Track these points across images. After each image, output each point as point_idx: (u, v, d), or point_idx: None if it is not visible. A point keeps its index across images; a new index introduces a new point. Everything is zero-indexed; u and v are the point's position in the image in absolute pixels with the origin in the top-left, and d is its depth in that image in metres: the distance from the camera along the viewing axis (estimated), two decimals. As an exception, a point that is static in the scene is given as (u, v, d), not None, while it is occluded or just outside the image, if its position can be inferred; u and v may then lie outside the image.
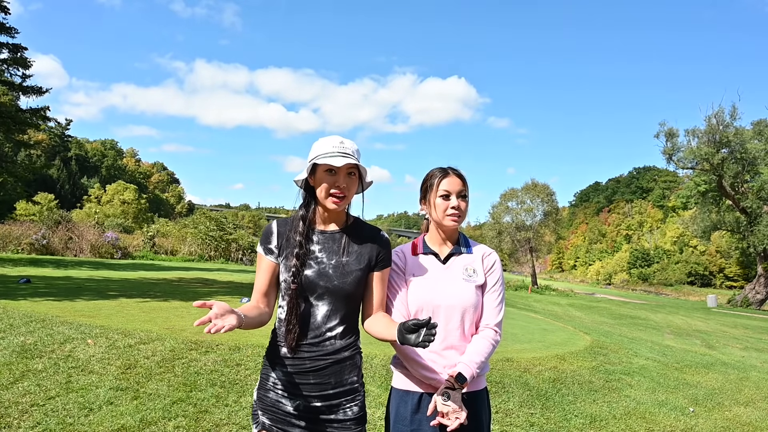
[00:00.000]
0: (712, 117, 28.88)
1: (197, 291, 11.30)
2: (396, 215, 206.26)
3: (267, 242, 1.81)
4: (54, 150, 68.87)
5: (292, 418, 1.73)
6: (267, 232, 1.83)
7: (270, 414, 1.75)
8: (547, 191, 39.62)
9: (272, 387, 1.76)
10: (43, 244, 20.22)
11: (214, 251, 26.61)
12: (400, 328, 1.57)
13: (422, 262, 1.95)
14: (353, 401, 1.76)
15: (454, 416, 1.69)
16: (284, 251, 1.79)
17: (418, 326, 1.52)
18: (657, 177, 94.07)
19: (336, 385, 1.74)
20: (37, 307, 6.84)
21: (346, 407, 1.75)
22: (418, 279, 1.91)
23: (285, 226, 1.83)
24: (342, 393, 1.75)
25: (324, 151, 1.73)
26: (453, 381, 1.74)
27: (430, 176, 1.97)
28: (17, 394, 3.76)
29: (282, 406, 1.74)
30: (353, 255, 1.78)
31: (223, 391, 4.18)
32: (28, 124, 21.39)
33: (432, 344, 1.86)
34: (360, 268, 1.78)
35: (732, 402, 5.59)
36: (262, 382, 1.80)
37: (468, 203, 1.96)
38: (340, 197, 1.73)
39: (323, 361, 1.73)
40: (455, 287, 1.88)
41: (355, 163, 1.72)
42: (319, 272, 1.74)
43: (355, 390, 1.78)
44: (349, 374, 1.77)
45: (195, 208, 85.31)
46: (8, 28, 19.82)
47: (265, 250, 1.81)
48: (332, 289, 1.74)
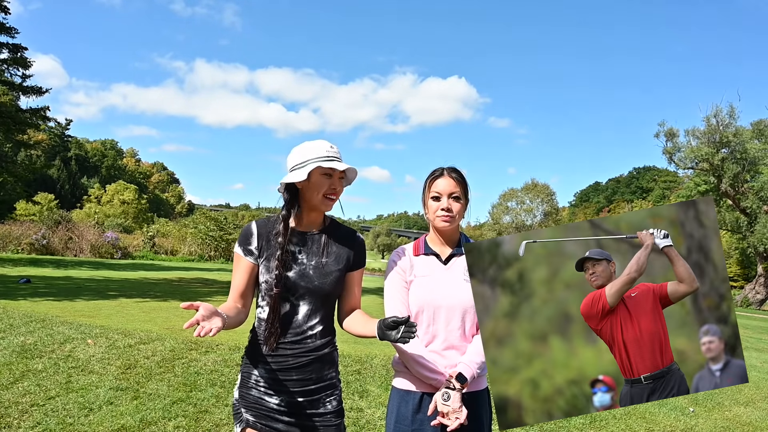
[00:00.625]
0: (712, 117, 28.90)
1: (197, 291, 11.30)
2: (396, 215, 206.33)
3: (246, 243, 1.83)
4: (54, 150, 68.88)
5: (275, 413, 1.78)
6: (246, 233, 1.85)
7: (254, 411, 1.79)
8: (547, 191, 39.69)
9: (254, 384, 1.80)
10: (43, 244, 20.24)
11: (214, 251, 26.62)
12: (380, 324, 1.63)
13: (423, 263, 1.95)
14: (332, 395, 1.84)
15: (454, 416, 1.70)
16: (264, 252, 1.81)
17: (397, 323, 1.58)
18: (657, 177, 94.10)
19: (317, 380, 1.80)
20: (37, 307, 6.84)
21: (326, 401, 1.82)
22: (420, 279, 1.92)
23: (265, 227, 1.85)
24: (322, 388, 1.81)
25: (320, 155, 1.77)
26: (453, 381, 1.74)
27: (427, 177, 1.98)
28: (17, 394, 3.76)
29: (265, 403, 1.78)
30: (332, 256, 1.84)
31: (223, 391, 4.18)
32: (28, 124, 21.41)
33: (433, 345, 1.87)
34: (339, 268, 1.83)
35: (732, 402, 5.59)
36: (244, 380, 1.84)
37: (465, 204, 1.95)
38: (334, 199, 1.81)
39: (305, 358, 1.78)
40: (456, 288, 1.88)
41: (354, 168, 1.82)
42: (300, 273, 1.79)
43: (333, 385, 1.85)
44: (329, 370, 1.84)
45: (195, 208, 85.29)
46: (8, 28, 19.84)
47: (244, 251, 1.83)
48: (313, 290, 1.79)
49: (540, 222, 39.54)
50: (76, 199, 60.46)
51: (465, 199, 1.95)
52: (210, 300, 9.57)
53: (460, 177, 1.95)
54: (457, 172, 1.95)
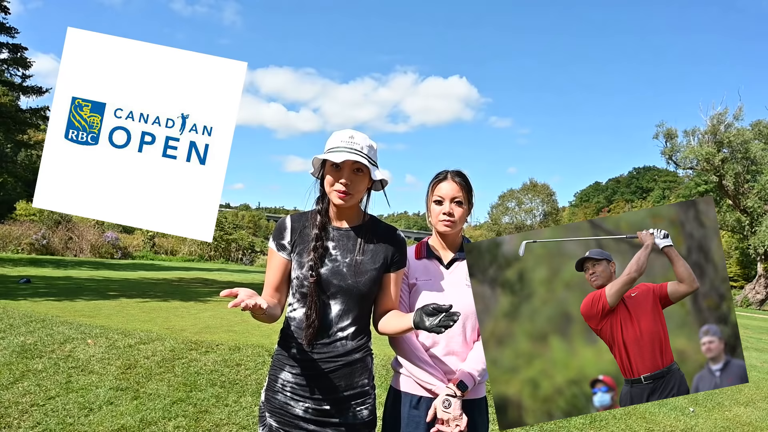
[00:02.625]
0: (714, 117, 28.90)
1: (197, 291, 11.30)
2: (396, 215, 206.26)
3: (280, 237, 1.77)
4: (54, 150, 68.77)
5: (300, 421, 1.69)
6: (280, 227, 1.79)
7: (278, 416, 1.71)
8: (547, 191, 39.66)
9: (281, 389, 1.72)
10: (43, 244, 20.24)
11: (214, 251, 26.63)
12: (419, 310, 1.54)
13: (425, 266, 1.92)
14: (363, 404, 1.73)
15: (454, 423, 1.70)
16: (298, 247, 1.74)
17: (438, 310, 1.50)
18: (657, 177, 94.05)
19: (347, 387, 1.70)
20: (37, 307, 6.84)
21: (357, 410, 1.72)
22: (421, 283, 1.90)
23: (299, 221, 1.78)
24: (353, 396, 1.71)
25: (332, 145, 1.70)
26: (454, 388, 1.74)
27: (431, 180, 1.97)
28: (17, 394, 3.76)
29: (290, 409, 1.69)
30: (368, 254, 1.73)
31: (223, 391, 4.18)
32: (28, 124, 21.37)
33: (433, 350, 1.85)
34: (375, 267, 1.73)
35: (732, 402, 5.59)
36: (270, 383, 1.76)
37: (468, 209, 1.93)
38: (344, 193, 1.67)
39: (334, 363, 1.69)
40: (458, 293, 1.86)
41: (358, 159, 1.64)
42: (333, 270, 1.69)
43: (365, 393, 1.74)
44: (360, 377, 1.73)
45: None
46: (8, 28, 19.83)
47: (277, 245, 1.77)
48: (346, 288, 1.69)
49: (540, 222, 39.52)
50: (76, 199, 60.34)
51: (468, 203, 1.92)
52: (210, 300, 9.57)
53: (464, 181, 1.92)
54: (462, 176, 1.92)
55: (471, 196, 1.93)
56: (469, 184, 1.93)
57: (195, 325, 6.51)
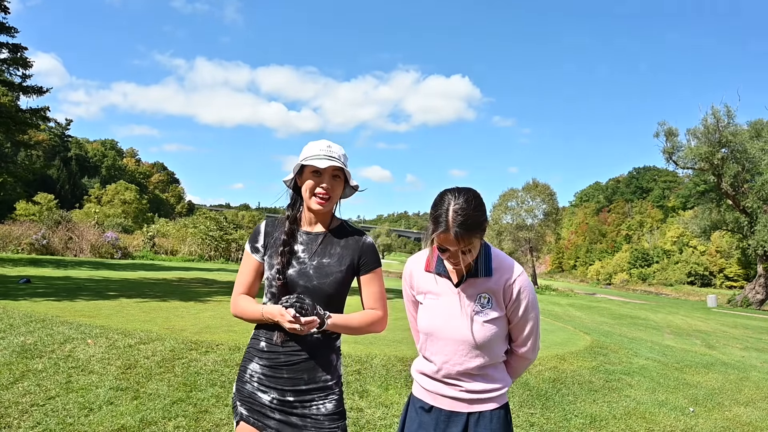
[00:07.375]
0: (709, 116, 28.89)
1: (197, 291, 11.30)
2: (396, 215, 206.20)
3: (254, 241, 1.92)
4: (54, 150, 68.87)
5: (266, 409, 1.79)
6: (255, 232, 1.94)
7: (247, 405, 1.82)
8: (547, 191, 39.60)
9: (249, 379, 1.83)
10: (43, 244, 20.23)
11: (214, 251, 26.64)
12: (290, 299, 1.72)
13: (433, 282, 1.80)
14: (326, 398, 1.81)
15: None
16: (269, 250, 1.87)
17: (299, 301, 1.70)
18: (657, 177, 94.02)
19: (309, 381, 1.79)
20: (37, 307, 6.84)
21: (319, 403, 1.79)
22: (428, 302, 1.81)
23: (272, 226, 1.93)
24: (314, 389, 1.79)
25: (311, 153, 1.81)
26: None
27: (432, 228, 1.67)
28: (17, 394, 3.76)
29: (257, 398, 1.80)
30: (334, 257, 1.84)
31: (223, 391, 4.18)
32: (28, 124, 21.38)
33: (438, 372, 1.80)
34: (340, 270, 1.82)
35: (732, 402, 5.59)
36: (240, 374, 1.87)
37: (477, 247, 1.66)
38: (324, 198, 1.81)
39: (297, 357, 1.78)
40: (462, 319, 1.73)
41: (339, 166, 1.79)
42: (300, 272, 1.81)
43: (329, 388, 1.82)
44: (323, 372, 1.81)
45: (195, 208, 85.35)
46: (8, 27, 19.83)
47: (251, 248, 1.92)
48: (312, 289, 1.79)
49: (540, 222, 39.46)
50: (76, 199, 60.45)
51: (478, 242, 1.66)
52: (210, 300, 9.57)
53: (471, 227, 1.59)
54: (466, 224, 1.57)
55: (482, 234, 1.65)
56: (478, 226, 1.61)
57: (195, 325, 6.51)
